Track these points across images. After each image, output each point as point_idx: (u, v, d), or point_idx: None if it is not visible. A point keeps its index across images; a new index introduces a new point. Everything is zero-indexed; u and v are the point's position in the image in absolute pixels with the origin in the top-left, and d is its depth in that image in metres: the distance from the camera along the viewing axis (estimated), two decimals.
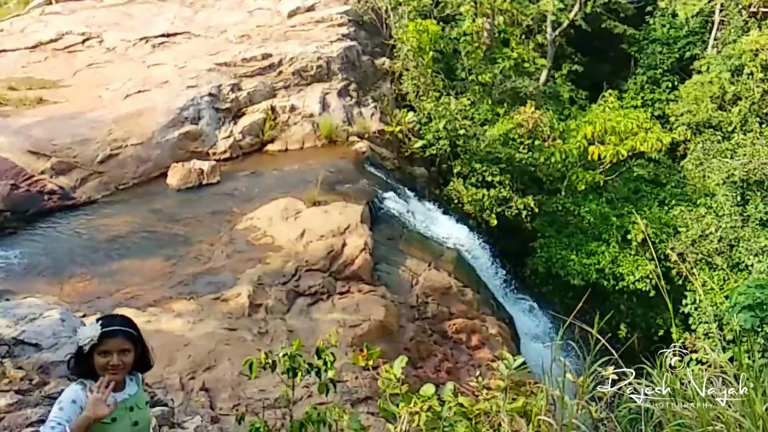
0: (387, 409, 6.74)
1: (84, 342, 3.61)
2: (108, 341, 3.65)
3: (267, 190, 12.50)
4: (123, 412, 3.71)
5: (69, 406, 3.56)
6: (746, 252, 13.26)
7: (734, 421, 5.66)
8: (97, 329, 3.64)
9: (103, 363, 3.67)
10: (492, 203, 14.91)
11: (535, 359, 10.44)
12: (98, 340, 3.62)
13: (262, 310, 9.41)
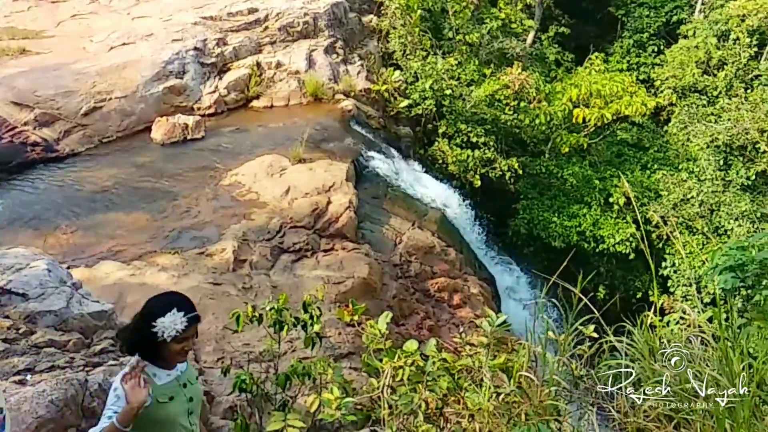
0: (371, 363, 6.86)
1: (170, 333, 3.51)
2: (188, 329, 3.59)
3: (252, 146, 12.47)
4: (178, 389, 3.69)
5: (123, 394, 3.51)
6: (727, 216, 13.43)
7: (712, 380, 5.82)
8: (183, 321, 3.54)
9: (178, 349, 3.63)
10: (476, 164, 14.94)
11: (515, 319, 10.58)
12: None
13: (247, 265, 9.45)
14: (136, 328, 3.59)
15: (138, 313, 3.66)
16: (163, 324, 3.47)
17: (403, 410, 6.29)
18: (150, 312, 3.54)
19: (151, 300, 3.67)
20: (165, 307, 3.53)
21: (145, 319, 3.53)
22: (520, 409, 6.31)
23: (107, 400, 3.56)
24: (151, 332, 3.49)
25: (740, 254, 5.69)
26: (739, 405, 5.40)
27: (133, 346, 3.61)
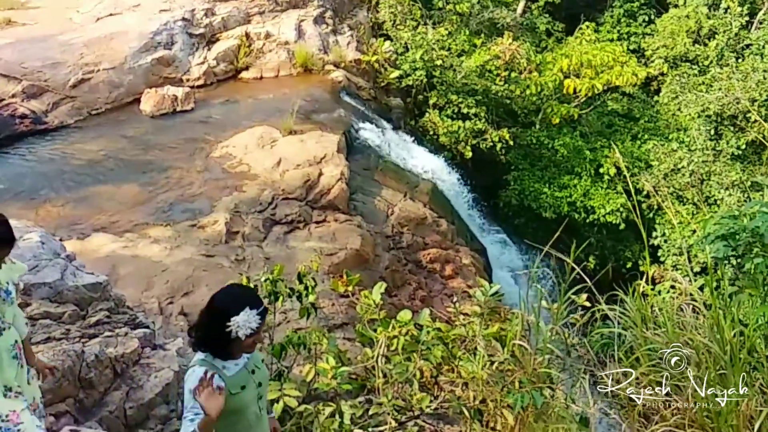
0: (365, 333, 6.92)
1: (244, 332, 3.47)
2: (261, 324, 3.57)
3: (242, 118, 12.42)
4: (247, 376, 3.66)
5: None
6: (717, 186, 13.49)
7: (703, 346, 5.89)
8: (256, 318, 3.51)
9: (250, 343, 3.60)
10: (467, 135, 14.93)
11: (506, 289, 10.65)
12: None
13: (239, 237, 9.46)
14: (208, 328, 3.54)
15: (207, 311, 3.61)
16: (237, 323, 3.45)
17: (397, 379, 6.36)
18: (223, 311, 3.49)
19: (221, 297, 3.61)
20: (238, 306, 3.48)
21: (218, 319, 3.49)
22: (514, 377, 6.40)
23: (185, 399, 3.54)
24: (225, 331, 3.47)
25: (732, 223, 5.72)
26: (730, 371, 5.48)
27: (205, 344, 3.58)
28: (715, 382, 5.47)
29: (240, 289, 3.82)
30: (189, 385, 3.49)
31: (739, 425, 5.26)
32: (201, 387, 3.36)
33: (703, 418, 5.49)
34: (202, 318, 3.61)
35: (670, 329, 6.03)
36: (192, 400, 3.44)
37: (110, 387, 6.05)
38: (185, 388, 3.53)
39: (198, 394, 3.36)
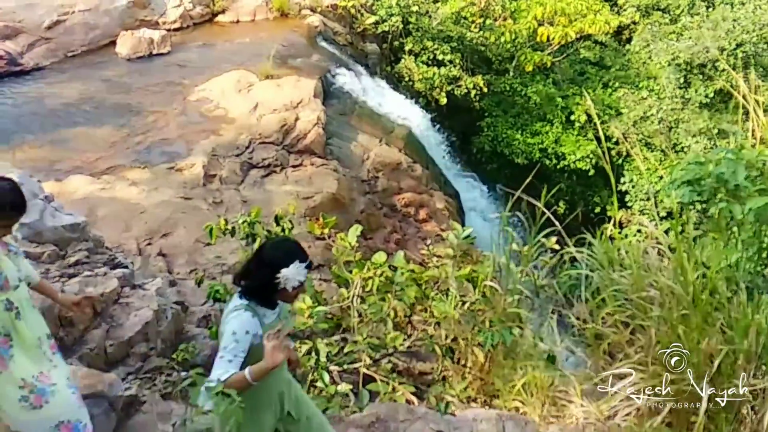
0: (341, 275, 7.08)
1: (293, 284, 3.59)
2: (306, 278, 3.69)
3: (219, 62, 12.36)
4: (277, 325, 3.75)
5: (243, 338, 3.55)
6: (685, 133, 13.71)
7: (667, 288, 6.12)
8: (304, 272, 3.63)
9: (294, 294, 3.73)
10: (442, 82, 14.97)
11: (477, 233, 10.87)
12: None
13: (217, 180, 9.53)
14: (257, 278, 3.65)
15: (256, 262, 3.73)
16: (287, 276, 3.57)
17: (372, 318, 6.55)
18: (273, 264, 3.60)
19: (270, 250, 3.75)
20: (288, 259, 3.61)
21: (267, 270, 3.60)
22: (485, 317, 6.62)
23: (224, 341, 3.58)
24: (273, 283, 3.59)
25: (697, 169, 5.89)
26: (692, 312, 5.71)
27: (251, 292, 3.68)
28: (678, 321, 5.71)
29: (290, 243, 3.88)
30: (233, 327, 3.56)
31: (699, 363, 5.51)
32: (273, 336, 3.45)
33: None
34: (251, 268, 3.73)
35: (636, 271, 6.24)
36: (233, 342, 3.50)
37: (90, 326, 6.16)
38: (227, 329, 3.59)
39: (269, 339, 3.45)
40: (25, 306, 3.88)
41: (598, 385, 6.19)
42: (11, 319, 3.78)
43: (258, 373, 3.44)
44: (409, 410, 5.51)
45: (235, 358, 3.48)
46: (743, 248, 5.90)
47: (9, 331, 3.79)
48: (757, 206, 5.17)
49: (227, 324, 3.61)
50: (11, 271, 3.83)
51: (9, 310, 3.78)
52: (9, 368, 3.80)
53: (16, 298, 3.82)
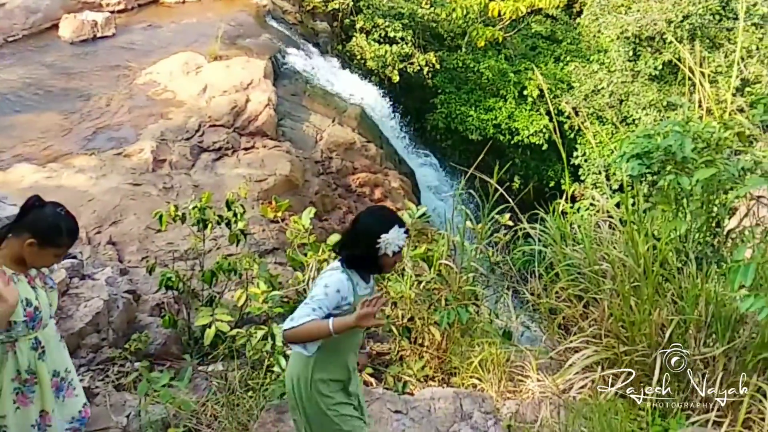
0: (296, 258, 7.04)
1: (393, 249, 3.63)
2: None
3: (165, 43, 12.13)
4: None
5: (334, 295, 3.62)
6: (635, 106, 13.85)
7: (619, 261, 6.20)
8: (404, 236, 3.66)
9: (392, 262, 3.74)
10: (394, 59, 14.89)
11: (435, 210, 10.91)
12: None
13: (166, 165, 9.37)
14: (356, 247, 3.70)
15: (353, 232, 3.79)
16: (387, 240, 3.60)
17: None
18: (372, 230, 3.66)
19: (366, 218, 3.80)
20: (386, 224, 3.66)
21: (367, 237, 3.65)
22: (440, 295, 6.64)
23: (313, 290, 3.68)
24: (374, 248, 3.62)
25: (646, 142, 5.94)
26: (643, 283, 5.79)
27: (353, 261, 3.72)
28: (630, 293, 5.79)
29: (384, 210, 4.00)
30: (327, 281, 3.66)
31: (651, 333, 5.60)
32: (370, 302, 3.45)
33: (618, 327, 5.81)
34: (350, 238, 3.79)
35: (588, 245, 6.32)
36: (323, 294, 3.60)
37: None
38: (319, 282, 3.70)
39: (366, 304, 3.45)
40: (51, 343, 3.76)
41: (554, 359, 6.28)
42: (35, 359, 3.66)
43: (341, 326, 3.50)
44: (366, 391, 5.50)
45: (319, 309, 3.56)
46: (692, 219, 5.98)
47: (34, 369, 3.67)
48: (704, 177, 5.23)
49: (321, 279, 3.72)
50: (46, 309, 3.69)
51: (35, 349, 3.66)
52: (28, 407, 3.70)
53: (44, 336, 3.70)
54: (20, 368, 3.60)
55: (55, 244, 3.49)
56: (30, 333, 3.57)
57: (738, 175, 5.33)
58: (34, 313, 3.55)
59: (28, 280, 3.58)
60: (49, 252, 3.49)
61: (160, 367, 6.38)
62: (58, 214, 3.54)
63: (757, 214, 5.97)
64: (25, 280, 3.55)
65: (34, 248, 3.42)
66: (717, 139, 5.69)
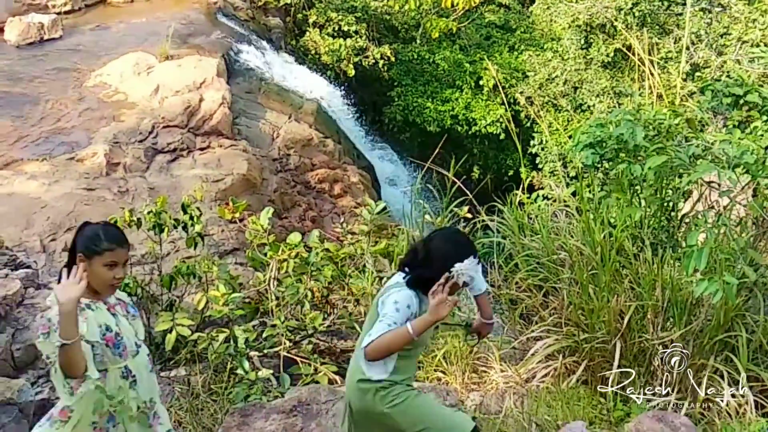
0: (255, 258, 7.00)
1: (464, 279, 3.55)
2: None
3: (115, 44, 11.93)
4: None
5: (405, 310, 3.59)
6: (589, 93, 13.98)
7: (576, 249, 6.28)
8: (476, 268, 3.64)
9: (460, 288, 3.68)
10: (349, 53, 14.83)
11: (395, 204, 10.92)
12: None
13: (121, 168, 9.23)
14: (430, 271, 3.60)
15: (423, 253, 3.73)
16: (461, 270, 3.54)
17: (289, 301, 6.50)
18: (446, 257, 3.59)
19: (441, 243, 3.74)
20: (460, 253, 3.60)
21: (440, 264, 3.57)
22: None
23: (384, 308, 3.64)
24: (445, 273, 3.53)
25: (599, 131, 6.03)
26: (601, 271, 5.87)
27: (421, 283, 3.66)
28: (588, 281, 5.87)
29: (460, 236, 3.91)
30: (396, 298, 3.64)
31: (610, 320, 5.68)
32: (440, 289, 3.41)
33: (578, 315, 5.89)
34: (419, 258, 3.73)
35: (545, 235, 6.39)
36: (394, 310, 3.58)
37: None
38: (389, 300, 3.66)
39: (437, 293, 3.42)
40: (143, 372, 3.68)
41: (516, 349, 6.34)
42: (125, 389, 3.58)
43: (420, 326, 3.48)
44: (331, 391, 5.50)
45: (394, 324, 3.54)
46: (646, 206, 6.07)
47: (123, 399, 3.59)
48: (656, 165, 5.31)
49: (390, 296, 3.67)
50: (130, 337, 3.61)
51: (125, 378, 3.58)
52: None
53: (135, 365, 3.62)
54: (105, 399, 3.53)
55: (97, 252, 3.42)
56: (118, 361, 3.53)
57: (689, 162, 5.42)
58: (116, 339, 3.51)
59: (107, 307, 3.55)
60: (98, 263, 3.42)
61: None
62: (95, 225, 3.56)
63: (709, 199, 6.07)
64: (104, 307, 3.52)
65: (85, 264, 3.37)
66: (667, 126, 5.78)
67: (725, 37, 12.72)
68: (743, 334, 5.13)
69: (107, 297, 3.56)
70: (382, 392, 3.75)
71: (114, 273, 3.45)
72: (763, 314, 5.25)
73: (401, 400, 3.77)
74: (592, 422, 5.33)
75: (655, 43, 13.38)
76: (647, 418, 4.70)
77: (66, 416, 3.51)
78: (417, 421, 3.78)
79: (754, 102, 5.57)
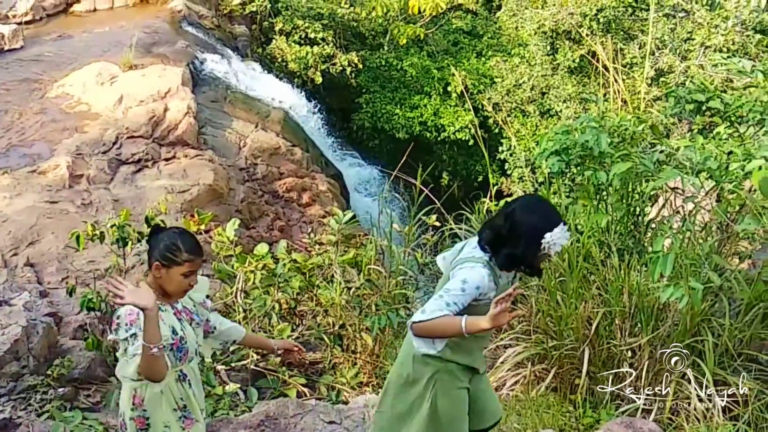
0: (222, 270, 6.92)
1: (556, 249, 3.37)
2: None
3: (77, 54, 11.75)
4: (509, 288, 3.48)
5: (472, 291, 3.37)
6: (555, 99, 14.08)
7: None
8: (567, 235, 3.39)
9: (542, 263, 3.52)
10: (316, 60, 14.79)
11: (364, 212, 10.88)
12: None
13: (84, 180, 9.08)
14: (520, 246, 3.38)
15: (507, 228, 3.43)
16: (552, 240, 3.34)
17: (257, 313, 6.44)
18: (535, 228, 3.36)
19: (526, 215, 3.43)
20: (552, 222, 3.37)
21: (529, 236, 3.36)
22: (371, 301, 6.62)
23: (450, 283, 3.41)
24: (537, 247, 3.36)
25: (564, 138, 6.04)
26: (568, 278, 5.88)
27: (509, 259, 3.44)
28: (556, 288, 5.87)
29: (545, 204, 3.59)
30: (466, 276, 3.39)
31: (579, 327, 5.69)
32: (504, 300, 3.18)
33: (546, 323, 5.89)
34: (503, 234, 3.45)
35: None
36: (460, 290, 3.35)
37: None
38: (459, 274, 3.42)
39: (502, 301, 3.17)
40: (194, 380, 3.71)
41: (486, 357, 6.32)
42: (185, 389, 3.63)
43: (474, 328, 3.24)
44: (299, 404, 5.45)
45: (453, 305, 3.33)
46: (612, 212, 6.10)
47: (186, 399, 3.64)
48: (621, 171, 5.33)
49: (461, 269, 3.43)
50: (192, 343, 3.64)
51: (182, 381, 3.61)
52: (195, 425, 3.71)
53: (189, 370, 3.65)
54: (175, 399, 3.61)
55: (177, 263, 3.44)
56: (177, 365, 3.56)
57: (654, 168, 5.44)
58: (180, 342, 3.55)
59: (174, 312, 3.59)
60: (175, 272, 3.46)
61: (86, 391, 6.20)
62: (173, 233, 3.56)
63: (674, 204, 6.12)
64: (171, 311, 3.57)
65: (162, 271, 3.45)
66: (632, 132, 5.81)
67: (689, 42, 12.87)
68: (709, 338, 5.15)
69: (175, 302, 3.61)
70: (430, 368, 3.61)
71: (189, 280, 3.52)
72: (729, 318, 5.28)
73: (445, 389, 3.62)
74: (562, 429, 5.33)
75: (620, 48, 13.50)
76: (616, 425, 4.71)
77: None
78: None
79: (717, 108, 5.62)
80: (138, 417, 3.54)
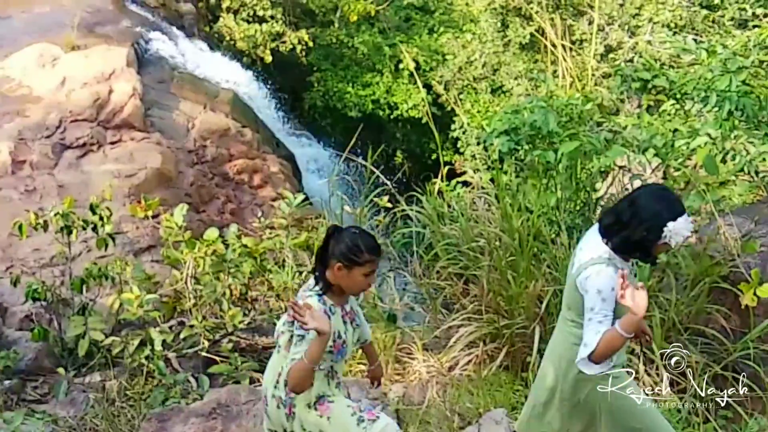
0: (171, 256, 6.82)
1: (677, 240, 3.31)
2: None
3: (17, 35, 11.36)
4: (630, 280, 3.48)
5: (610, 295, 3.34)
6: (507, 76, 14.07)
7: (495, 236, 6.30)
8: (691, 227, 3.33)
9: (657, 253, 3.48)
10: (265, 39, 14.54)
11: (317, 193, 10.80)
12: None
13: (27, 166, 8.86)
14: (639, 230, 3.34)
15: (629, 214, 3.40)
16: (675, 230, 3.29)
17: (207, 299, 6.37)
18: (658, 216, 3.32)
19: (650, 202, 3.39)
20: (673, 212, 3.32)
21: (651, 224, 3.32)
22: None
23: (589, 301, 3.38)
24: (658, 235, 3.32)
25: (514, 118, 6.05)
26: (519, 257, 5.91)
27: (627, 247, 3.42)
28: (507, 267, 5.90)
29: (668, 193, 3.54)
30: (598, 285, 3.36)
31: (529, 305, 5.74)
32: (624, 285, 3.20)
33: (498, 302, 5.92)
34: (624, 220, 3.40)
35: (464, 223, 6.39)
36: (601, 301, 3.33)
37: None
38: (590, 287, 3.38)
39: (626, 286, 3.20)
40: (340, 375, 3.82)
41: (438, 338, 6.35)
42: (333, 386, 3.72)
43: (629, 325, 3.25)
44: (251, 391, 5.40)
45: (605, 318, 3.33)
46: (561, 191, 6.13)
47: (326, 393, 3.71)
48: (569, 150, 5.36)
49: (589, 279, 3.40)
50: (350, 345, 3.70)
51: (330, 377, 3.68)
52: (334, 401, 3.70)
53: (339, 368, 3.78)
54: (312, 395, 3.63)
55: (358, 263, 3.48)
56: (331, 363, 3.68)
57: (602, 146, 5.48)
58: (342, 346, 3.62)
59: (342, 314, 3.64)
60: (357, 273, 3.51)
61: (33, 383, 6.08)
62: (354, 234, 3.60)
63: (622, 182, 6.17)
64: (340, 313, 3.63)
65: (344, 272, 3.49)
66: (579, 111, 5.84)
67: (637, 17, 12.93)
68: (656, 313, 5.24)
69: (345, 302, 3.67)
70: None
71: (369, 280, 3.59)
72: (675, 294, 5.37)
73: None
74: (515, 407, 5.37)
75: (569, 25, 13.53)
76: None
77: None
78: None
79: (662, 86, 5.66)
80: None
